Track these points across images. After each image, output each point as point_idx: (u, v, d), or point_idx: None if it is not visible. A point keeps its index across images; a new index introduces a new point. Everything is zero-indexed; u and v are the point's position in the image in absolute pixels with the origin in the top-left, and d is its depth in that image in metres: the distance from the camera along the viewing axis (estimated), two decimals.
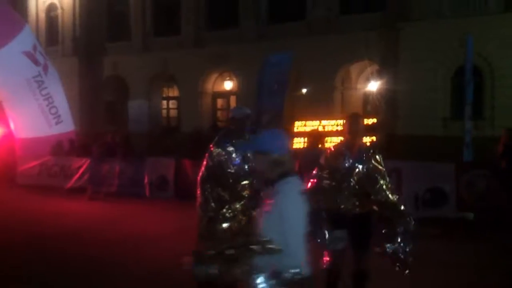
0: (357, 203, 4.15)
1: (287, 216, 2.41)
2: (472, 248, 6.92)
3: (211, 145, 4.44)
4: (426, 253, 5.37)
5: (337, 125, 11.55)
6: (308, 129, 11.98)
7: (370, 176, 4.15)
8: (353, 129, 4.24)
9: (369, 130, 11.22)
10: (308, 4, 19.93)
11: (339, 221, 4.05)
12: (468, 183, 9.39)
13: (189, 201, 10.63)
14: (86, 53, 24.70)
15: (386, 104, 17.98)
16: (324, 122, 11.89)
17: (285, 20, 20.16)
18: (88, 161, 12.84)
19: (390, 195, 4.13)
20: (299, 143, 11.86)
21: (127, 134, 16.51)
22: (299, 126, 12.09)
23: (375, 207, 4.14)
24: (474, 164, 9.97)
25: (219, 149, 4.36)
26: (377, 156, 4.22)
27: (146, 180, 11.95)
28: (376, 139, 11.47)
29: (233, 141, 4.43)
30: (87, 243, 7.43)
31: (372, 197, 4.14)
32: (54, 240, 7.57)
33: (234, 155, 4.36)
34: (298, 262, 2.39)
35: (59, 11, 25.38)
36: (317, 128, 11.53)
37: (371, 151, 4.28)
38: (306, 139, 9.80)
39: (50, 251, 6.96)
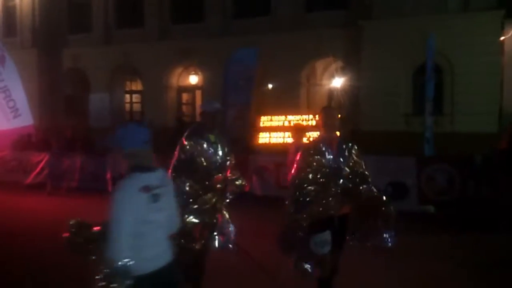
0: (343, 204, 3.95)
1: (112, 210, 2.59)
2: (433, 240, 7.09)
3: (183, 138, 4.44)
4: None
5: (303, 120, 11.61)
6: (274, 124, 12.01)
7: (355, 173, 3.94)
8: (330, 123, 4.00)
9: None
10: (273, 0, 19.95)
11: (325, 224, 3.87)
12: (428, 177, 9.63)
13: None
14: (46, 45, 23.89)
15: (350, 100, 18.24)
16: (290, 117, 11.94)
17: (251, 16, 20.12)
18: (48, 156, 12.47)
19: (374, 189, 3.98)
20: (264, 138, 11.88)
21: (88, 129, 16.11)
22: (265, 121, 12.09)
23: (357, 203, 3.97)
24: (434, 159, 10.23)
25: (192, 142, 4.38)
26: (356, 148, 4.07)
27: (108, 175, 11.71)
28: (340, 134, 11.58)
29: (204, 135, 4.44)
30: (44, 239, 7.19)
31: (359, 195, 3.93)
32: (11, 237, 7.31)
33: (206, 148, 4.37)
34: (113, 254, 2.53)
35: (17, 1, 24.47)
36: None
37: (350, 144, 4.07)
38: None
39: (6, 248, 6.71)
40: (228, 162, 4.59)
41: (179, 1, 21.71)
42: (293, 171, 4.13)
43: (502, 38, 16.57)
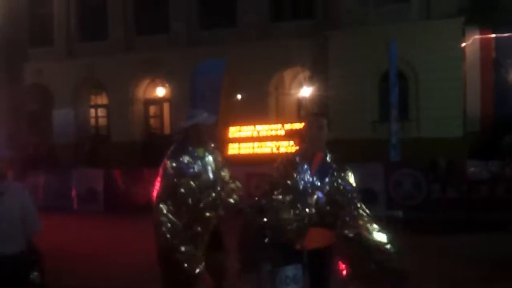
0: (316, 237, 3.05)
1: None
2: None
3: (165, 160, 3.98)
4: None
5: (271, 130, 11.59)
6: (243, 134, 11.93)
7: (336, 201, 3.03)
8: (314, 134, 3.14)
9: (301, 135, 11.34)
10: (239, 10, 19.96)
11: (292, 255, 3.05)
12: (396, 182, 9.75)
13: (120, 213, 10.38)
14: (6, 59, 23.04)
15: (318, 109, 18.32)
16: (258, 127, 11.89)
17: (217, 26, 20.05)
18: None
19: (371, 229, 3.09)
20: (234, 148, 11.77)
21: (52, 145, 15.65)
22: (233, 132, 12.00)
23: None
24: (401, 164, 10.36)
25: (174, 163, 3.92)
26: (348, 173, 3.16)
27: (73, 193, 11.37)
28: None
29: (190, 149, 3.98)
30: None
31: (337, 230, 3.07)
32: None
33: (192, 166, 3.92)
34: None
35: None
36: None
37: (340, 166, 3.17)
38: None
39: None
40: (222, 178, 4.11)
41: (143, 12, 21.44)
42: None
43: (463, 44, 17.02)
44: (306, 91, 19.26)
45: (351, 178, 3.11)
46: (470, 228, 8.08)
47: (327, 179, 3.03)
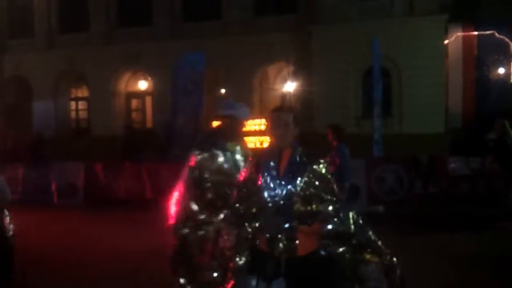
0: (292, 243, 2.63)
1: None
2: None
3: (194, 151, 3.64)
4: None
5: (254, 125, 11.52)
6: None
7: (311, 198, 2.67)
8: (278, 131, 2.75)
9: None
10: (223, 4, 19.82)
11: (271, 267, 2.65)
12: (378, 178, 9.79)
13: (100, 207, 10.22)
14: None
15: (302, 105, 18.31)
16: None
17: (201, 19, 19.88)
18: None
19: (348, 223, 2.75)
20: None
21: (31, 137, 15.33)
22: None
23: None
24: (383, 160, 10.41)
25: (202, 154, 3.59)
26: (321, 166, 2.74)
27: (53, 187, 11.16)
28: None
29: (220, 141, 3.64)
30: None
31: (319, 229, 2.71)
32: None
33: (221, 160, 3.59)
34: None
35: None
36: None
37: (313, 160, 2.75)
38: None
39: None
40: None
41: (126, 4, 21.12)
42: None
43: (446, 41, 17.16)
44: (290, 86, 19.22)
45: (325, 170, 2.76)
46: (452, 224, 8.14)
47: (298, 176, 2.68)
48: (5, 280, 4.30)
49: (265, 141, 11.52)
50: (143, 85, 21.73)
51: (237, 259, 2.77)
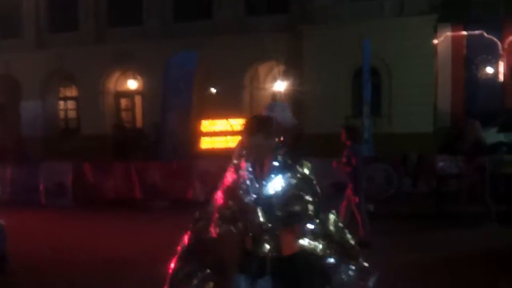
0: (276, 243, 2.63)
1: None
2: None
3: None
4: None
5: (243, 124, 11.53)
6: (217, 128, 11.83)
7: (293, 199, 2.63)
8: (251, 150, 2.70)
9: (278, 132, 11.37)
10: (214, 3, 19.79)
11: (256, 266, 2.66)
12: (368, 177, 9.83)
13: (89, 208, 10.15)
14: None
15: (294, 104, 18.33)
16: (232, 121, 11.81)
17: (192, 19, 19.83)
18: None
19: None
20: (207, 142, 11.66)
21: (19, 138, 15.23)
22: (206, 125, 11.88)
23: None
24: (373, 159, 10.46)
25: (235, 159, 2.99)
26: (304, 167, 2.71)
27: (41, 187, 11.06)
28: (284, 139, 11.59)
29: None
30: None
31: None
32: None
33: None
34: None
35: None
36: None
37: (295, 161, 2.72)
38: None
39: None
40: None
41: (116, 3, 21.02)
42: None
43: (435, 41, 17.27)
44: (280, 86, 19.24)
45: (308, 171, 2.72)
46: (440, 222, 8.18)
47: (280, 177, 2.64)
48: None
49: None
50: (132, 84, 21.64)
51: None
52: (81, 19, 21.46)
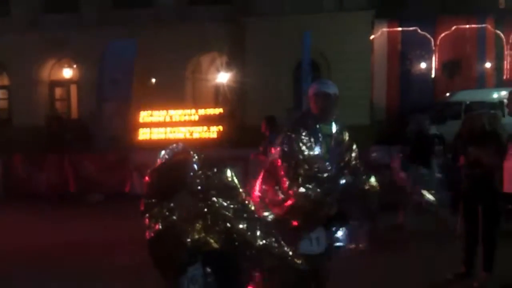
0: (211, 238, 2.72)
1: None
2: None
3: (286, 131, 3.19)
4: None
5: (185, 115, 11.39)
6: (155, 119, 11.60)
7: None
8: None
9: (216, 120, 11.37)
10: None
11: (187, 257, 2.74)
12: None
13: (20, 201, 9.68)
14: None
15: (236, 95, 18.33)
16: (171, 112, 11.62)
17: (131, 6, 19.30)
18: None
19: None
20: (145, 134, 11.42)
21: None
22: (144, 116, 11.63)
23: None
24: None
25: (286, 138, 3.11)
26: (225, 171, 2.81)
27: None
28: (223, 129, 11.58)
29: (310, 121, 3.19)
30: None
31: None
32: None
33: (308, 144, 3.10)
34: None
35: None
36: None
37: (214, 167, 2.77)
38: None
39: None
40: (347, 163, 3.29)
41: None
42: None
43: (372, 37, 17.81)
44: (223, 77, 19.16)
45: (231, 178, 2.76)
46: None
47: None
48: None
49: (195, 132, 11.43)
50: (67, 73, 20.84)
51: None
52: (13, 5, 20.37)
